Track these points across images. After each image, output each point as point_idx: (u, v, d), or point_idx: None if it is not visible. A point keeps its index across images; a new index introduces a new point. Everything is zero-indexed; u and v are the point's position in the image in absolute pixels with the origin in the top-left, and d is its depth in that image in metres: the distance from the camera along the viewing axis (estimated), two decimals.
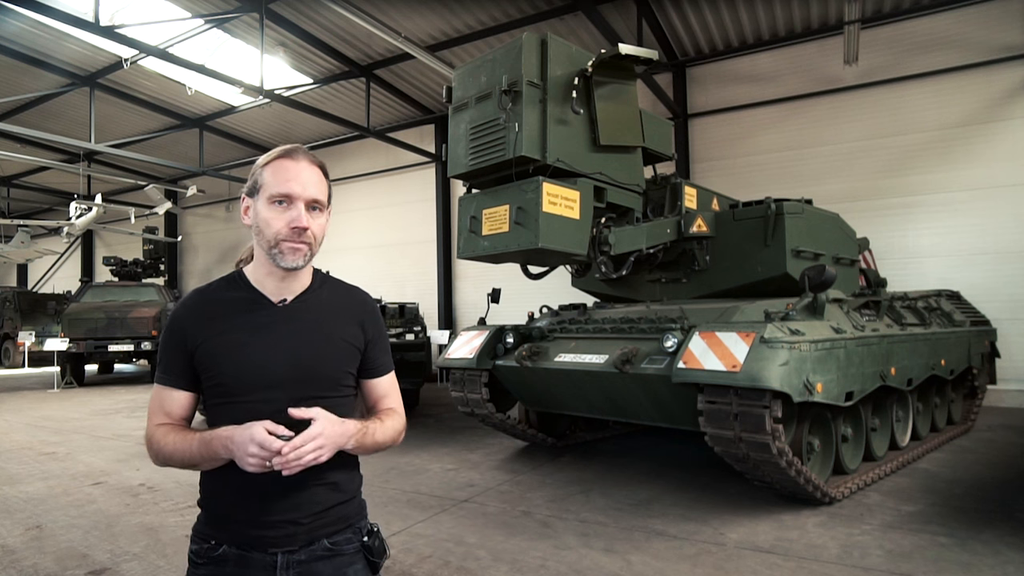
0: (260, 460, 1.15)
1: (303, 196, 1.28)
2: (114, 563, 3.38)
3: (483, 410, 5.46)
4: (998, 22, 8.63)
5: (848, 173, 9.57)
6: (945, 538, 3.55)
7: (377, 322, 1.46)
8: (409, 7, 9.28)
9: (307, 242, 1.30)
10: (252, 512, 1.28)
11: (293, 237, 1.27)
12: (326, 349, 1.34)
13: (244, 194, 1.35)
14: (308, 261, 1.32)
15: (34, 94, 12.32)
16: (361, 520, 1.42)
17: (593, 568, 3.23)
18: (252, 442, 1.14)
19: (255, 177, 1.31)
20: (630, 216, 5.23)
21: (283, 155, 1.30)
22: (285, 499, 1.28)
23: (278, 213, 1.28)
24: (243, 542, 1.28)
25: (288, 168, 1.28)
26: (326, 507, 1.33)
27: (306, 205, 1.29)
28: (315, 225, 1.31)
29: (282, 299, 1.34)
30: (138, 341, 12.17)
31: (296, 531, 1.29)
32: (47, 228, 18.59)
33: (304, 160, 1.30)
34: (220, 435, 1.20)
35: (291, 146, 1.32)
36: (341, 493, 1.36)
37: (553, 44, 4.44)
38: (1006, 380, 8.23)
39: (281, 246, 1.28)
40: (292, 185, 1.27)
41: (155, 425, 1.32)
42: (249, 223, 1.33)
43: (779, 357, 3.62)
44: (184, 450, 1.25)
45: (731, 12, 9.42)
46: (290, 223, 1.27)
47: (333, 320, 1.38)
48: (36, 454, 6.20)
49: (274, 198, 1.28)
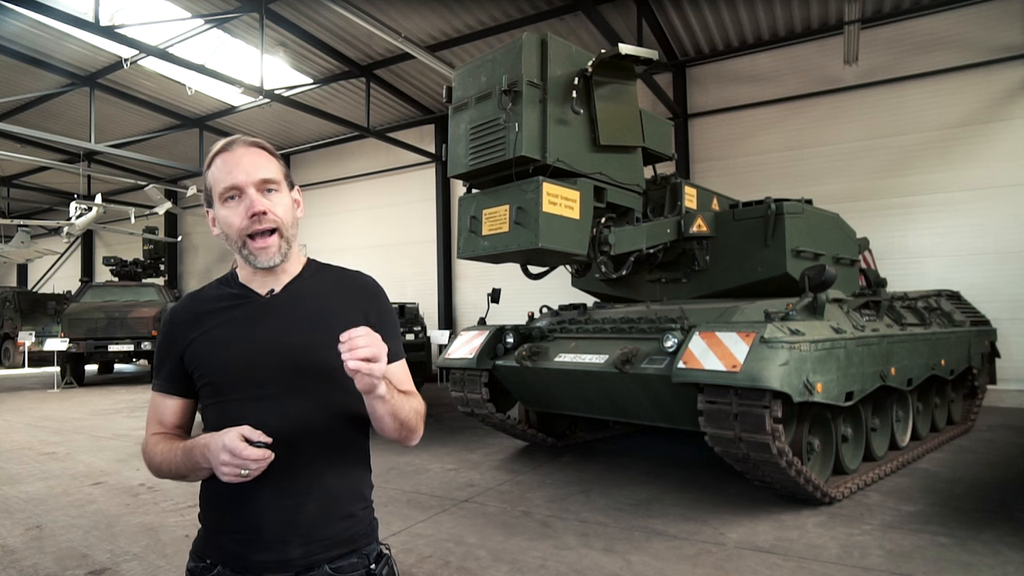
0: (233, 468, 1.06)
1: (249, 181, 1.21)
2: (114, 563, 3.38)
3: (483, 410, 5.46)
4: (998, 22, 8.63)
5: (848, 173, 9.57)
6: (945, 538, 3.55)
7: (381, 305, 1.35)
8: (409, 7, 9.28)
9: (270, 227, 1.22)
10: (244, 531, 1.20)
11: (255, 225, 1.21)
12: (319, 337, 1.21)
13: (205, 207, 1.29)
14: (285, 254, 1.25)
15: (34, 94, 12.32)
16: (370, 544, 1.29)
17: (593, 568, 3.23)
18: (223, 449, 1.06)
19: (206, 184, 1.26)
20: (630, 216, 5.23)
21: (219, 152, 1.24)
22: (279, 517, 1.18)
23: (233, 208, 1.21)
24: (236, 565, 1.20)
25: (227, 161, 1.22)
26: (325, 526, 1.22)
27: (257, 189, 1.21)
28: (276, 205, 1.23)
29: (270, 290, 1.28)
30: (138, 341, 12.17)
31: (291, 554, 1.19)
32: (47, 228, 18.58)
33: (240, 148, 1.23)
34: (199, 443, 1.13)
35: (225, 140, 1.26)
36: (343, 510, 1.25)
37: (553, 44, 4.44)
38: (1006, 380, 8.23)
39: (249, 245, 1.22)
40: (235, 174, 1.20)
41: (149, 435, 1.27)
42: (218, 233, 1.27)
43: (779, 357, 3.62)
44: (171, 460, 1.19)
45: (731, 12, 9.42)
46: (247, 212, 1.20)
47: (327, 306, 1.28)
48: (36, 454, 6.20)
49: (224, 195, 1.22)
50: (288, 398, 1.21)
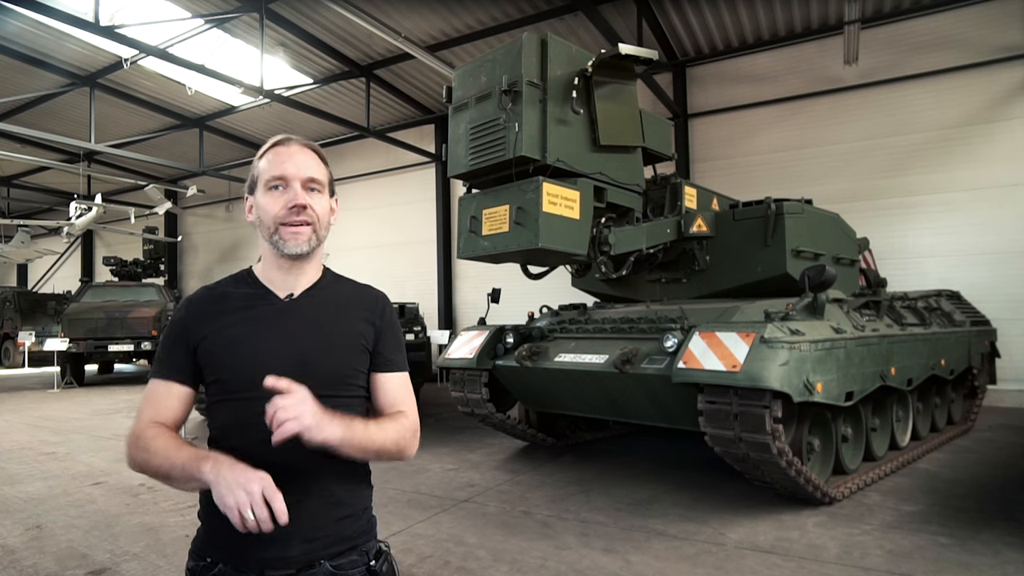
0: (240, 508, 1.03)
1: (297, 176, 1.26)
2: (114, 563, 3.38)
3: (483, 410, 5.46)
4: (998, 22, 8.63)
5: (848, 173, 9.57)
6: (945, 538, 3.55)
7: (388, 319, 1.39)
8: (409, 7, 9.28)
9: (308, 221, 1.26)
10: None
11: (292, 217, 1.25)
12: (331, 345, 1.28)
13: (246, 193, 1.34)
14: (313, 247, 1.28)
15: (34, 94, 12.32)
16: (369, 541, 1.31)
17: (593, 568, 3.23)
18: (247, 487, 1.04)
19: (252, 172, 1.31)
20: (630, 216, 5.23)
21: (276, 144, 1.29)
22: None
23: (275, 197, 1.26)
24: (237, 562, 1.21)
25: (280, 153, 1.27)
26: (325, 524, 1.24)
27: (303, 185, 1.26)
28: (316, 204, 1.28)
29: (289, 294, 1.30)
30: (138, 341, 12.17)
31: (291, 551, 1.20)
32: (47, 228, 18.57)
33: (296, 144, 1.29)
34: (215, 458, 1.09)
35: (282, 135, 1.32)
36: (344, 508, 1.27)
37: (553, 44, 4.44)
38: (1006, 380, 8.23)
39: (281, 231, 1.25)
40: (286, 166, 1.26)
41: (146, 424, 1.21)
42: (252, 219, 1.31)
43: (779, 357, 3.62)
44: (170, 459, 1.13)
45: (731, 12, 9.42)
46: (287, 204, 1.25)
47: (341, 316, 1.32)
48: (36, 454, 6.20)
49: (270, 183, 1.26)
50: None
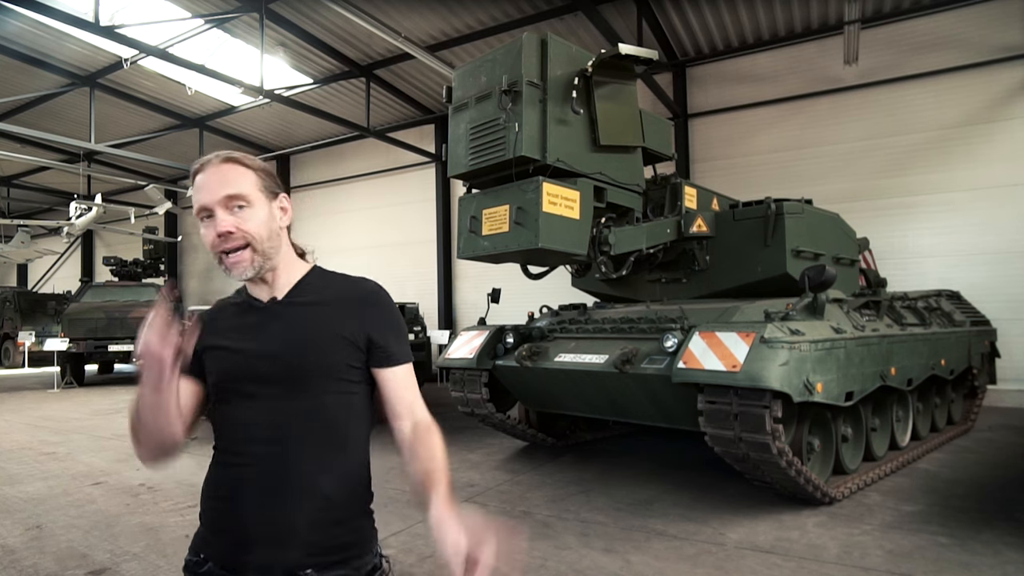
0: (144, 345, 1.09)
1: (214, 201, 1.21)
2: (114, 563, 3.38)
3: (483, 410, 5.46)
4: (998, 22, 8.63)
5: (848, 173, 9.57)
6: (945, 538, 3.55)
7: (383, 309, 1.33)
8: (409, 7, 9.28)
9: (241, 245, 1.22)
10: (232, 530, 1.19)
11: (224, 245, 1.21)
12: (317, 343, 1.24)
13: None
14: (259, 268, 1.25)
15: (34, 94, 12.32)
16: (362, 556, 1.24)
17: (593, 568, 3.23)
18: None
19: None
20: (630, 216, 5.23)
21: (196, 172, 1.24)
22: (265, 518, 1.17)
23: (208, 228, 1.23)
24: (225, 563, 1.19)
25: (198, 182, 1.23)
26: (314, 532, 1.18)
27: (224, 207, 1.21)
28: (246, 223, 1.22)
29: (272, 298, 1.30)
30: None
31: (275, 558, 1.16)
32: (47, 228, 18.56)
33: (211, 167, 1.23)
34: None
35: (201, 159, 1.26)
36: (336, 516, 1.21)
37: (553, 44, 4.44)
38: (1006, 380, 8.22)
39: (224, 260, 1.23)
40: (202, 195, 1.22)
41: None
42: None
43: (779, 357, 3.62)
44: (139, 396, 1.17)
45: (731, 12, 9.42)
46: (216, 233, 1.22)
47: (327, 312, 1.28)
48: (36, 454, 6.20)
49: (199, 215, 1.24)
50: (282, 400, 1.21)
